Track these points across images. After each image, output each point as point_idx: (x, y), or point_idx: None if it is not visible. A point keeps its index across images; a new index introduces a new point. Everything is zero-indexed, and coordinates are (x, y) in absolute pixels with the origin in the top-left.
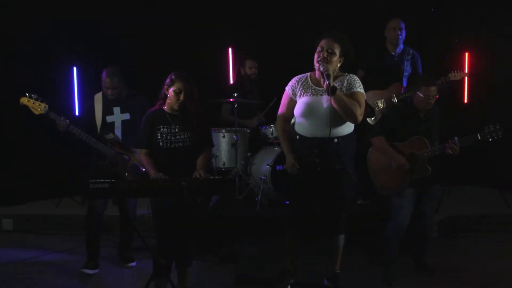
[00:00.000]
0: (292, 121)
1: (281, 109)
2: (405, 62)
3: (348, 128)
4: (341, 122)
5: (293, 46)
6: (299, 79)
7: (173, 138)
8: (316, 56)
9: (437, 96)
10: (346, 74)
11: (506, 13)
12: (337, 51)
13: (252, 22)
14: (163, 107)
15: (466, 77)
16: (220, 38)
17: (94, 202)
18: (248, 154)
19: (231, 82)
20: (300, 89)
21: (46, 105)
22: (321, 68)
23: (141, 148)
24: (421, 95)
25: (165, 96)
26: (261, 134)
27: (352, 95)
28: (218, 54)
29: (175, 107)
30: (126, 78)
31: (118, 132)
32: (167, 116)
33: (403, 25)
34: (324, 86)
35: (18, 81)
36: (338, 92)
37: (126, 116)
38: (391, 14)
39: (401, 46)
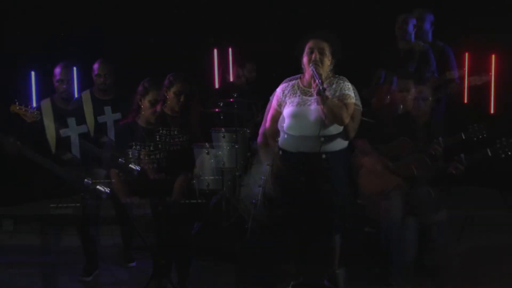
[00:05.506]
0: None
1: (265, 123)
2: (413, 60)
3: (339, 143)
4: (332, 137)
5: (292, 46)
6: (289, 81)
7: (171, 140)
8: (305, 59)
9: (418, 93)
10: (337, 76)
11: (506, 12)
12: (328, 51)
13: (251, 23)
14: (154, 111)
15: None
16: (221, 38)
17: (85, 204)
18: (248, 154)
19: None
20: (288, 94)
21: (39, 112)
22: (312, 68)
23: (114, 168)
24: (397, 89)
25: (158, 98)
26: (252, 149)
27: (341, 97)
28: (218, 55)
29: (176, 108)
30: (124, 78)
31: (111, 133)
32: (167, 118)
33: (410, 21)
34: (313, 86)
35: (18, 82)
36: (326, 93)
37: (118, 115)
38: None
39: (412, 41)
